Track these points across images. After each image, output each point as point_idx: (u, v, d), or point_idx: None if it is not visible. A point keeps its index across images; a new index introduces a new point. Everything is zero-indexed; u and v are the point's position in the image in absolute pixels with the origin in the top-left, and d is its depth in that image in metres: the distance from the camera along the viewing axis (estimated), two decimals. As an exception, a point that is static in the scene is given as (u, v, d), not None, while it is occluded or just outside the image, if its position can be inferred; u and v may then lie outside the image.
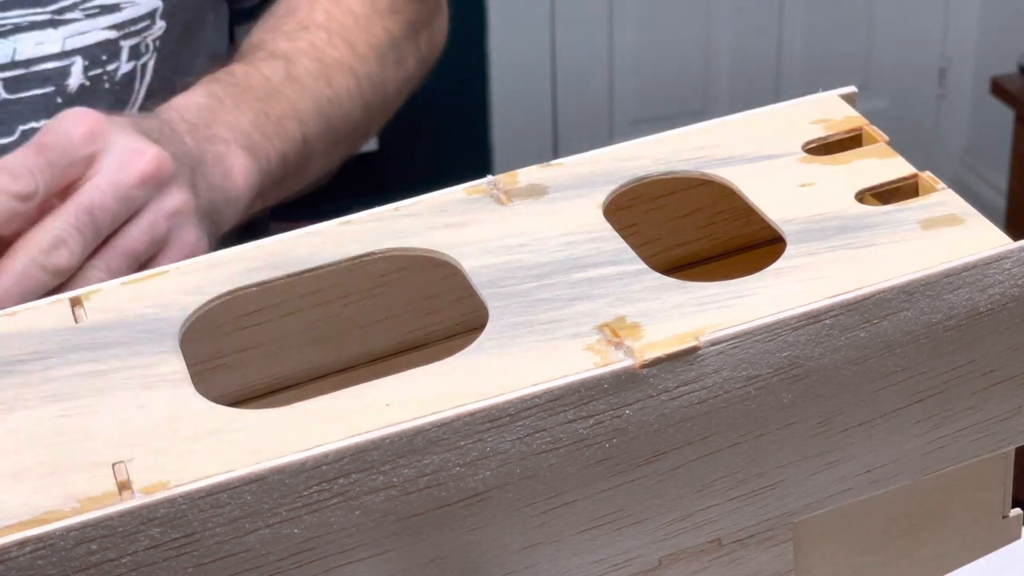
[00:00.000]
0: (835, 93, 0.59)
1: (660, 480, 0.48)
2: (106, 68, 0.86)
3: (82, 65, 0.85)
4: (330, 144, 0.90)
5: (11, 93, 0.84)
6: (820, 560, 0.53)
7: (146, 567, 0.43)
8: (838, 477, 0.51)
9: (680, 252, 0.62)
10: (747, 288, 0.49)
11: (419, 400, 0.45)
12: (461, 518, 0.46)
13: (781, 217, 0.52)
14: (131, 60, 0.87)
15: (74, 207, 0.68)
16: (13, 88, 0.84)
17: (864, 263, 0.50)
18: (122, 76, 0.87)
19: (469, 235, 0.52)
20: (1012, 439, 0.54)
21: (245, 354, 0.56)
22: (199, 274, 0.52)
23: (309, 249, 0.52)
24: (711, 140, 0.56)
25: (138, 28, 0.87)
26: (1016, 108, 1.91)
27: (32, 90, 0.84)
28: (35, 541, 0.41)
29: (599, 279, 0.50)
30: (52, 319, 0.50)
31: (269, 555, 0.44)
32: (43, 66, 0.84)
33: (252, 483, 0.43)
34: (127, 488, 0.43)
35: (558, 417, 0.46)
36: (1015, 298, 0.50)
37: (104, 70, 0.86)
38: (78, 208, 0.68)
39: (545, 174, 0.55)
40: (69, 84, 0.85)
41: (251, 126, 0.82)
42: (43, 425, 0.45)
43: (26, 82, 0.84)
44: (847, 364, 0.49)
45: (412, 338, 0.59)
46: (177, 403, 0.46)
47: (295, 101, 0.86)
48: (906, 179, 0.54)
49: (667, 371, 0.46)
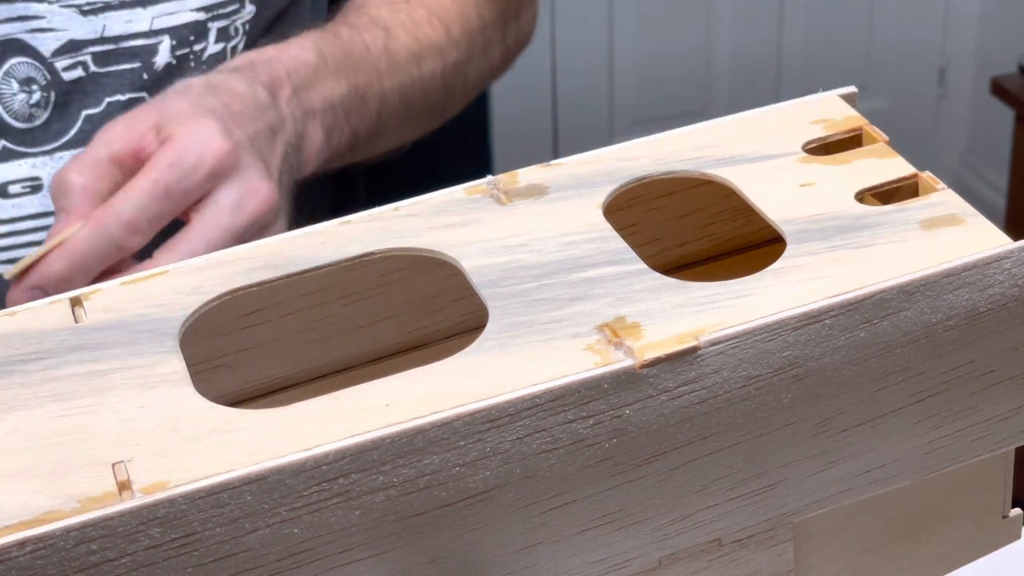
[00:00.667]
0: (835, 93, 0.59)
1: (660, 480, 0.48)
2: (193, 48, 0.87)
3: (169, 44, 0.86)
4: (403, 124, 0.91)
5: (100, 67, 0.85)
6: (820, 560, 0.53)
7: (146, 567, 0.43)
8: (838, 477, 0.51)
9: (680, 252, 0.62)
10: (747, 288, 0.49)
11: (419, 400, 0.45)
12: (461, 518, 0.46)
13: (781, 217, 0.52)
14: (219, 42, 0.88)
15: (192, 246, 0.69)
16: (101, 62, 0.85)
17: (864, 263, 0.50)
18: (209, 56, 0.88)
19: (469, 235, 0.52)
20: (1012, 439, 0.54)
21: (245, 354, 0.56)
22: (199, 274, 0.52)
23: (309, 249, 0.52)
24: (711, 140, 0.56)
25: (227, 11, 0.88)
26: (1016, 108, 1.91)
27: (120, 64, 0.86)
28: (35, 541, 0.41)
29: (599, 279, 0.50)
30: (52, 319, 0.50)
31: (269, 555, 0.44)
32: (131, 43, 0.85)
33: (252, 483, 0.43)
34: (127, 488, 0.43)
35: (558, 417, 0.46)
36: (1015, 298, 0.50)
37: (191, 50, 0.87)
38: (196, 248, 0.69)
39: (545, 174, 0.55)
40: (156, 62, 0.86)
41: (340, 100, 0.83)
42: (43, 425, 0.45)
43: (115, 57, 0.85)
44: (847, 364, 0.49)
45: (412, 338, 0.59)
46: (177, 403, 0.46)
47: (383, 77, 0.87)
48: (906, 179, 0.54)
49: (667, 371, 0.46)
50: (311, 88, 0.81)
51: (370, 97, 0.86)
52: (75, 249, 0.69)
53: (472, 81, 0.96)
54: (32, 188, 0.84)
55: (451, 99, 0.95)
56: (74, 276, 0.69)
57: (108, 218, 0.69)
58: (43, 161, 0.84)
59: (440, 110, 0.95)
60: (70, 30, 0.84)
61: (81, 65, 0.84)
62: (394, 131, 0.91)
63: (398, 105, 0.89)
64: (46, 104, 0.84)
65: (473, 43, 0.94)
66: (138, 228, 0.70)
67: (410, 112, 0.91)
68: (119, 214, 0.69)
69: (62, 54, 0.84)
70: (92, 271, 0.69)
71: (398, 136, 0.92)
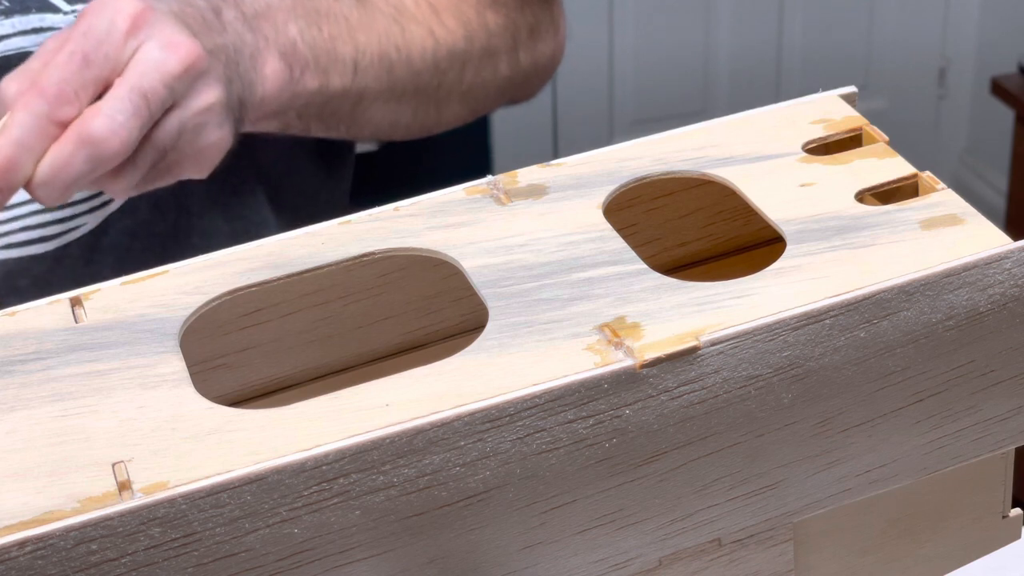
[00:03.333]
0: (835, 93, 0.59)
1: (660, 480, 0.48)
2: None
3: None
4: (389, 96, 0.86)
5: None
6: (820, 560, 0.53)
7: (146, 567, 0.43)
8: (838, 477, 0.51)
9: (680, 252, 0.62)
10: (747, 288, 0.49)
11: (419, 400, 0.45)
12: (461, 518, 0.46)
13: (781, 217, 0.52)
14: None
15: (126, 90, 0.68)
16: None
17: (864, 263, 0.50)
18: None
19: (469, 235, 0.52)
20: (1012, 439, 0.54)
21: (245, 354, 0.56)
22: (199, 274, 0.52)
23: (309, 249, 0.52)
24: (711, 140, 0.56)
25: None
26: (1016, 108, 1.91)
27: None
28: (35, 541, 0.41)
29: (599, 279, 0.50)
30: (52, 319, 0.50)
31: (269, 555, 0.44)
32: None
33: (252, 483, 0.43)
34: (127, 488, 0.43)
35: (558, 417, 0.46)
36: (1015, 298, 0.50)
37: None
38: (131, 92, 0.68)
39: (545, 174, 0.55)
40: None
41: (298, 34, 0.80)
42: (43, 425, 0.45)
43: None
44: (847, 364, 0.49)
45: (412, 338, 0.59)
46: (177, 403, 0.46)
47: (356, 30, 0.84)
48: (906, 179, 0.54)
49: (667, 371, 0.46)
50: (263, 17, 0.78)
51: (341, 45, 0.82)
52: (10, 132, 0.67)
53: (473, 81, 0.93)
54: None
55: (448, 89, 0.92)
56: (19, 159, 0.67)
57: (33, 96, 0.68)
58: None
59: (434, 95, 0.91)
60: None
61: None
62: (379, 101, 0.87)
63: (380, 68, 0.85)
64: None
65: (472, 38, 0.91)
66: (66, 98, 0.67)
67: (395, 82, 0.86)
68: (44, 89, 0.68)
69: None
70: (35, 151, 0.68)
71: (385, 110, 0.88)
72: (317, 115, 0.83)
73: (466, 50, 0.91)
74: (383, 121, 0.89)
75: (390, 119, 0.89)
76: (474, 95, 0.93)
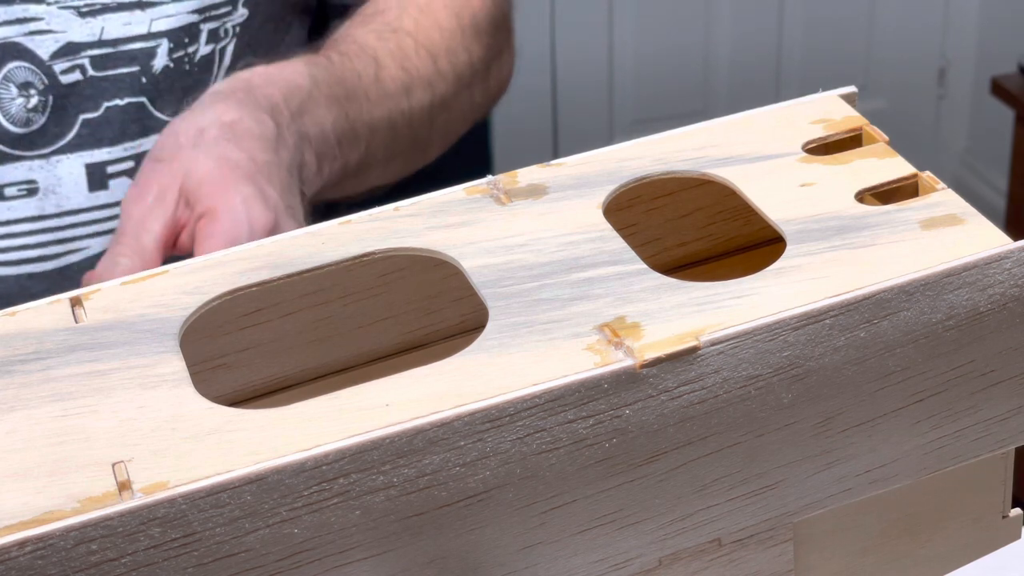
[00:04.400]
0: (835, 93, 0.59)
1: (660, 480, 0.48)
2: (187, 50, 0.87)
3: (167, 47, 0.86)
4: (390, 157, 0.90)
5: (98, 71, 0.85)
6: (820, 560, 0.53)
7: (146, 567, 0.43)
8: (838, 477, 0.51)
9: (680, 252, 0.62)
10: (747, 288, 0.49)
11: (419, 400, 0.45)
12: (461, 518, 0.46)
13: (781, 217, 0.52)
14: (209, 43, 0.88)
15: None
16: (100, 66, 0.85)
17: (864, 263, 0.50)
18: (200, 58, 0.88)
19: (469, 235, 0.52)
20: (1012, 439, 0.54)
21: (245, 354, 0.56)
22: (199, 274, 0.52)
23: (309, 249, 0.52)
24: (711, 140, 0.56)
25: (219, 13, 0.88)
26: (1016, 108, 1.91)
27: (119, 68, 0.86)
28: (35, 541, 0.41)
29: (599, 279, 0.50)
30: (52, 319, 0.50)
31: (269, 555, 0.44)
32: (130, 46, 0.86)
33: (252, 483, 0.43)
34: (127, 488, 0.43)
35: (558, 417, 0.46)
36: (1015, 298, 0.50)
37: (185, 52, 0.87)
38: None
39: (545, 174, 0.55)
40: (154, 65, 0.86)
41: (332, 128, 0.82)
42: (43, 425, 0.45)
43: (112, 61, 0.85)
44: (847, 364, 0.49)
45: (412, 338, 0.59)
46: (177, 403, 0.46)
47: (373, 107, 0.86)
48: (906, 179, 0.54)
49: (667, 371, 0.46)
50: (305, 113, 0.80)
51: (360, 127, 0.85)
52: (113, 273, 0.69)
53: (455, 119, 0.95)
54: (28, 191, 0.85)
55: (435, 135, 0.93)
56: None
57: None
58: (39, 164, 0.84)
59: (424, 146, 0.93)
60: (68, 32, 0.84)
61: (79, 69, 0.84)
62: (381, 164, 0.89)
63: (386, 136, 0.88)
64: (44, 108, 0.84)
65: (460, 79, 0.93)
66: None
67: (397, 145, 0.89)
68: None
69: (60, 57, 0.84)
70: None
71: (383, 171, 0.91)
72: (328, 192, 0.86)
73: (455, 93, 0.93)
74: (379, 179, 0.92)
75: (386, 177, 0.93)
76: (453, 129, 0.97)
